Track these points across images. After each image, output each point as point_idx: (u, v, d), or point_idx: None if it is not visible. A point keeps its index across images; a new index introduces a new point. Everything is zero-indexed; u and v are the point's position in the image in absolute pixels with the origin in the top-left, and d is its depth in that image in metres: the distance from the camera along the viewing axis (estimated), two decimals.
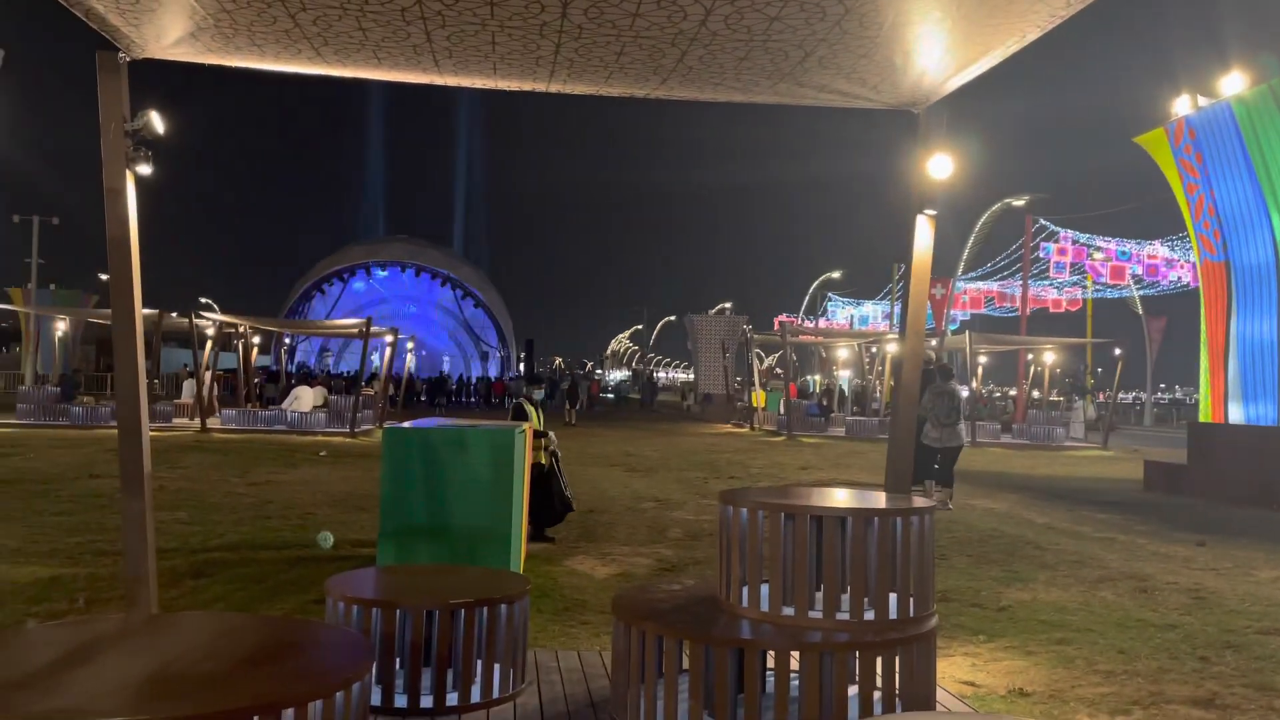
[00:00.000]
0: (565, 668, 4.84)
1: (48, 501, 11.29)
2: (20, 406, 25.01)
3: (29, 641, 3.28)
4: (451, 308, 72.10)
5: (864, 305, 72.41)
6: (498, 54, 4.69)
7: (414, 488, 7.03)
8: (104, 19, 4.52)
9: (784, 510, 3.96)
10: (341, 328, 33.72)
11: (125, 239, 5.02)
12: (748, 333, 37.24)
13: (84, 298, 48.74)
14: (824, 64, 4.72)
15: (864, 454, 21.31)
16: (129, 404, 4.98)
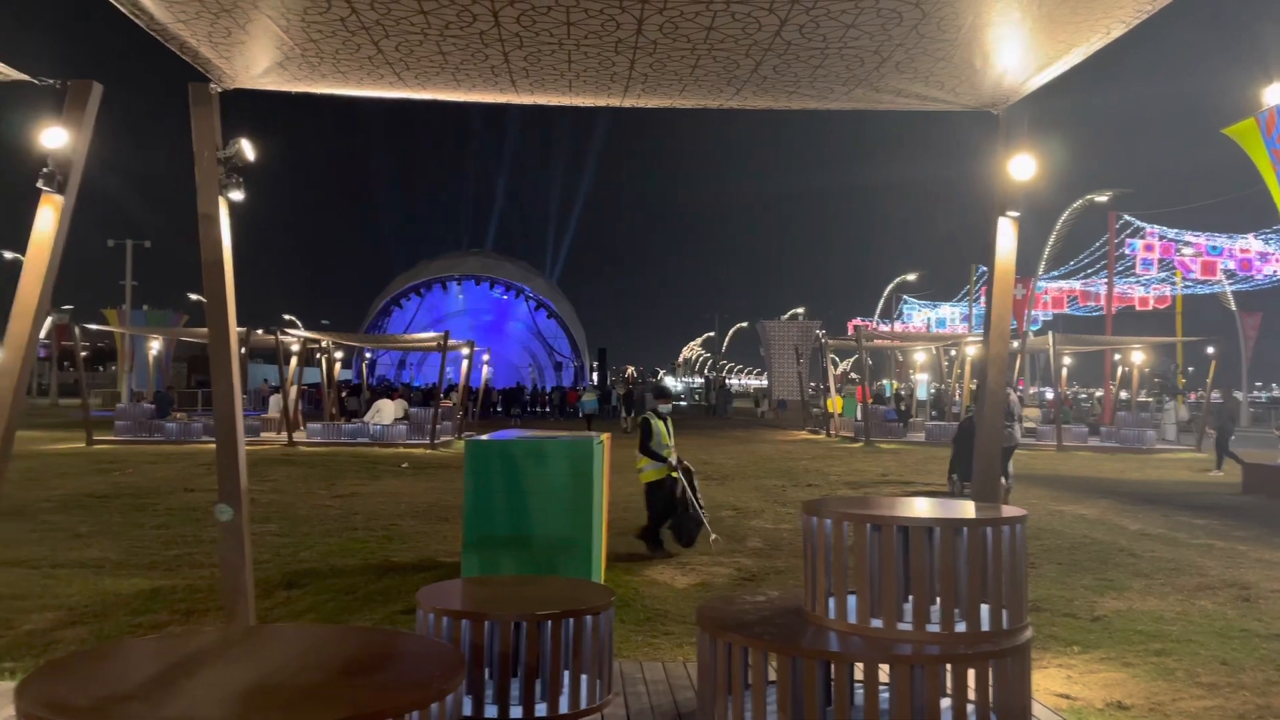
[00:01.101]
0: (650, 679, 4.86)
1: (146, 515, 11.74)
2: (118, 423, 26.04)
3: (136, 653, 3.42)
4: (525, 319, 72.99)
5: (941, 307, 71.13)
6: (573, 71, 4.75)
7: (496, 499, 7.13)
8: (197, 52, 4.71)
9: (870, 521, 3.91)
10: (420, 341, 34.38)
11: (220, 262, 5.21)
12: (822, 337, 36.86)
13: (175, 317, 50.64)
14: (900, 69, 4.67)
15: (944, 460, 20.89)
16: (226, 420, 5.15)
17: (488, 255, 75.16)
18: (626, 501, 13.22)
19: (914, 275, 64.41)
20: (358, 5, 3.96)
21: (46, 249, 5.01)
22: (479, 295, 71.19)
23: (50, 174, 4.99)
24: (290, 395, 26.23)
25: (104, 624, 6.56)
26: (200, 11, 4.11)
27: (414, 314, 70.02)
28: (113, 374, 53.82)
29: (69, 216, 5.12)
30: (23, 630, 6.40)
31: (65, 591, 7.53)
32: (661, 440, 9.66)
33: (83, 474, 16.65)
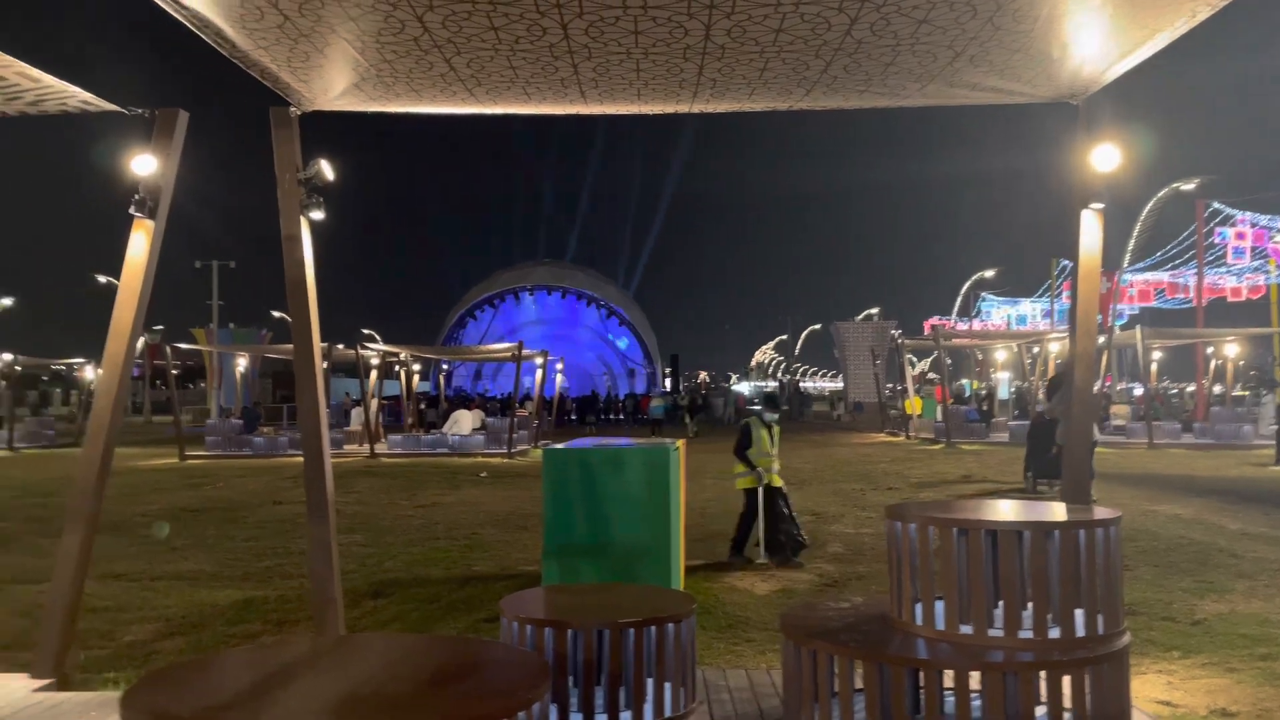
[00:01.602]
0: (734, 686, 4.82)
1: (237, 528, 12.10)
2: (208, 439, 26.91)
3: (232, 664, 3.52)
4: (597, 328, 73.47)
5: (1021, 304, 69.46)
6: (641, 80, 4.77)
7: (574, 507, 7.17)
8: (277, 77, 4.84)
9: (956, 525, 3.83)
10: (495, 352, 34.85)
11: (303, 280, 5.35)
12: (898, 338, 36.31)
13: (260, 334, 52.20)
14: (975, 62, 4.58)
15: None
16: (312, 435, 5.28)
17: (558, 265, 75.88)
18: (703, 507, 13.17)
19: (992, 272, 63.04)
20: (430, 24, 4.03)
21: (139, 272, 5.21)
22: (551, 304, 71.92)
23: (141, 200, 5.19)
24: (371, 408, 26.80)
25: (200, 634, 6.77)
26: (280, 37, 4.23)
27: (488, 325, 71.02)
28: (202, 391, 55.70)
29: (160, 240, 5.31)
30: (124, 641, 6.64)
31: (163, 603, 7.80)
32: (763, 447, 9.37)
33: (176, 488, 17.25)
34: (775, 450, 9.49)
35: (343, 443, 26.88)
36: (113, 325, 5.22)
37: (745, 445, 9.43)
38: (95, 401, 5.35)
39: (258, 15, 3.99)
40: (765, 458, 9.38)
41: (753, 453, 9.38)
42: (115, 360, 5.22)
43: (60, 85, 4.54)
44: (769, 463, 9.38)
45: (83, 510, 5.14)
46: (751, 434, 9.41)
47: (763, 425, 9.51)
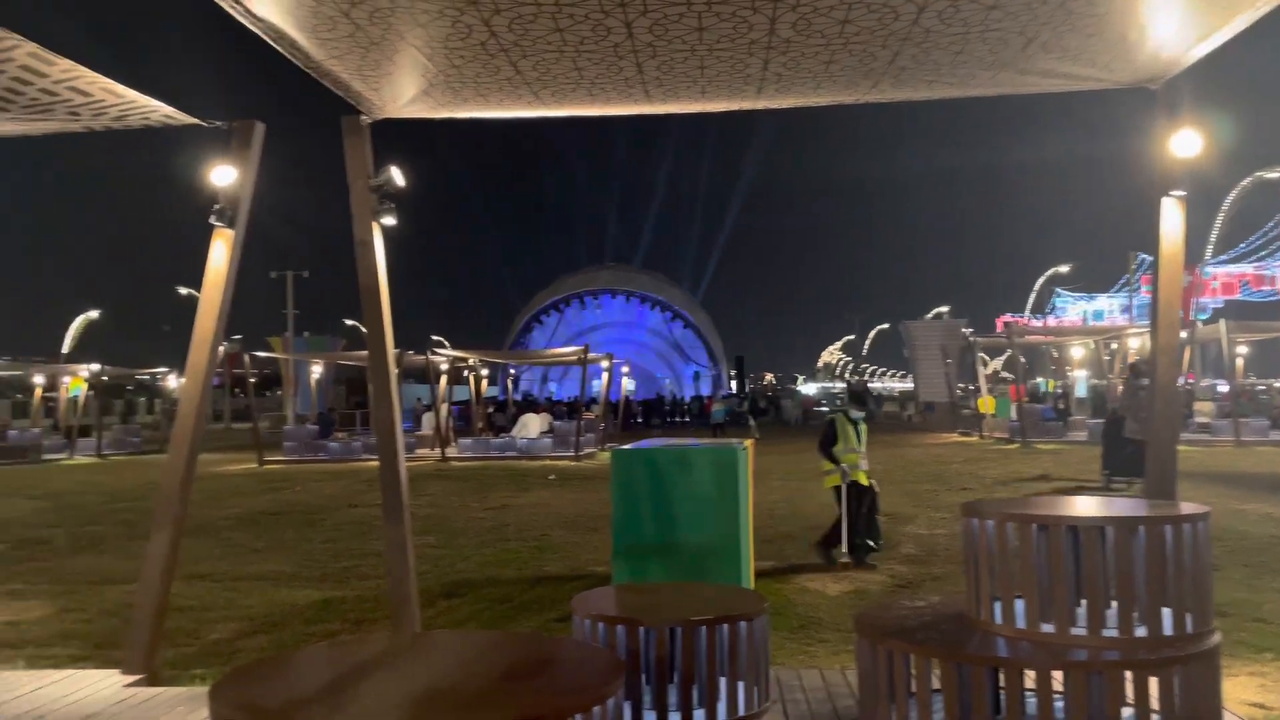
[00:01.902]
0: (808, 686, 4.78)
1: (315, 530, 12.38)
2: (285, 444, 27.60)
3: (314, 660, 3.60)
4: (662, 330, 73.51)
5: (1097, 299, 67.62)
6: (706, 77, 4.76)
7: (643, 508, 7.17)
8: (348, 86, 4.95)
9: (1036, 521, 3.74)
10: (561, 356, 35.09)
11: (376, 286, 5.45)
12: (969, 336, 35.63)
13: (334, 342, 53.38)
14: (1048, 48, 4.47)
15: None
16: (387, 437, 5.38)
17: (622, 269, 76.18)
18: (771, 509, 13.09)
19: (1067, 267, 61.43)
20: (497, 28, 4.08)
21: (220, 281, 5.37)
22: (615, 308, 72.21)
23: (221, 210, 5.35)
24: (442, 412, 27.20)
25: (281, 633, 6.95)
26: (351, 46, 4.32)
27: (554, 329, 71.58)
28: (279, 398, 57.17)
29: (239, 249, 5.47)
30: (209, 639, 6.84)
31: (246, 603, 8.01)
32: (849, 444, 9.18)
33: (256, 493, 17.72)
34: (863, 447, 9.27)
35: (414, 447, 27.32)
36: (195, 333, 5.39)
37: (830, 442, 9.23)
38: (179, 408, 5.53)
39: (330, 25, 4.08)
40: (852, 454, 9.18)
41: (839, 449, 9.18)
42: (198, 367, 5.39)
43: (144, 100, 4.71)
44: (855, 459, 9.17)
45: (169, 513, 5.32)
46: (837, 430, 9.22)
47: (849, 421, 9.31)
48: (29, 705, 4.74)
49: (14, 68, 4.26)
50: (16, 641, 6.82)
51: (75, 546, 11.37)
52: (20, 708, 4.70)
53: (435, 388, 28.58)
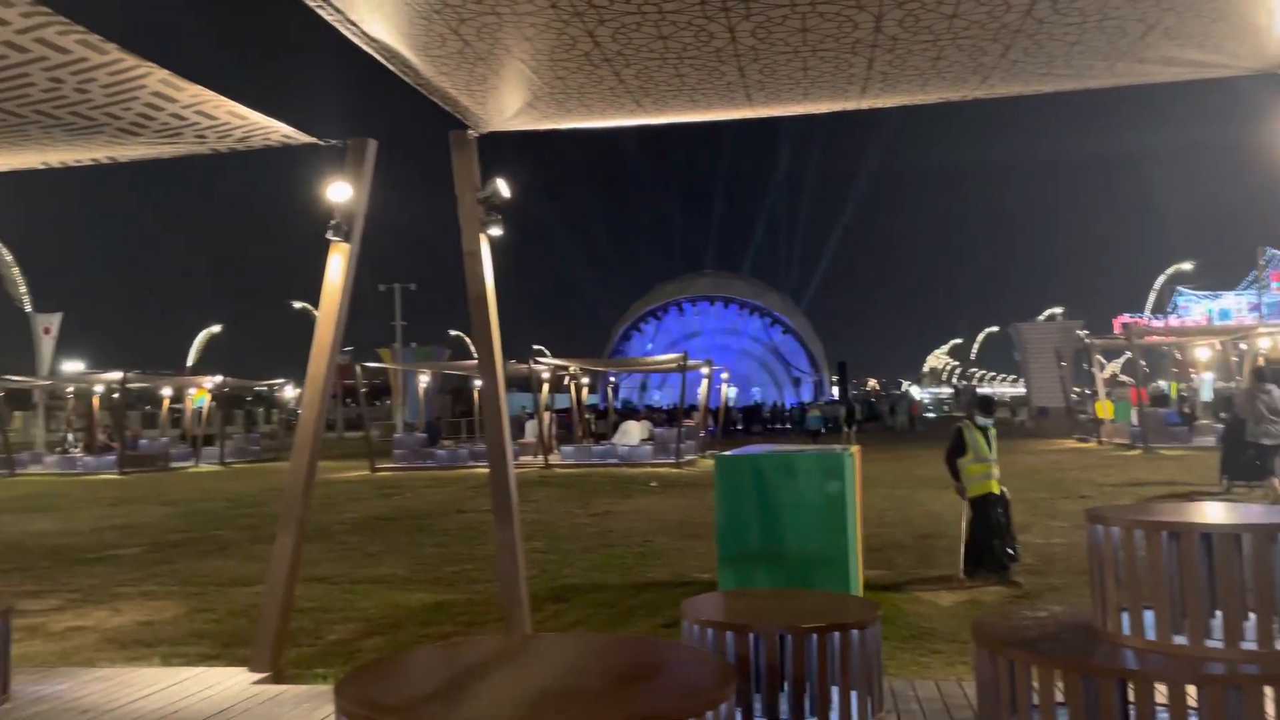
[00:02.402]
0: (923, 697, 4.67)
1: (425, 535, 12.70)
2: (396, 452, 28.43)
3: (432, 659, 3.69)
4: (761, 336, 73.07)
5: (1223, 297, 64.30)
6: (809, 79, 4.72)
7: (748, 514, 7.13)
8: (456, 101, 5.08)
9: (1166, 528, 3.57)
10: (660, 363, 35.20)
11: (484, 295, 5.58)
12: (1085, 338, 34.32)
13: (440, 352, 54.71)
14: (1170, 35, 4.28)
15: None
16: (497, 443, 5.48)
17: (719, 275, 76.07)
18: (879, 517, 12.84)
19: (1189, 264, 58.58)
20: (600, 38, 4.13)
21: (337, 293, 5.57)
22: (713, 315, 72.13)
23: (337, 225, 5.55)
24: (545, 420, 27.58)
25: (398, 634, 7.15)
26: (460, 63, 4.44)
27: (652, 337, 71.87)
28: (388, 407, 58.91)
29: (355, 262, 5.66)
30: (329, 639, 7.08)
31: (363, 605, 8.27)
32: (981, 453, 8.78)
33: (369, 498, 18.29)
34: (994, 455, 8.86)
35: (518, 454, 27.77)
36: (315, 343, 5.60)
37: (958, 452, 8.86)
38: (301, 415, 5.75)
39: (440, 42, 4.20)
40: (983, 464, 8.77)
41: (969, 459, 8.80)
42: (317, 376, 5.60)
43: (265, 121, 4.92)
44: (988, 469, 8.75)
45: (292, 516, 5.53)
46: (965, 439, 8.83)
47: (976, 429, 8.91)
48: (165, 700, 4.99)
49: (147, 94, 4.51)
50: (152, 640, 7.19)
51: (203, 550, 11.93)
52: (157, 703, 4.96)
53: (537, 396, 29.00)
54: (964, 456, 8.80)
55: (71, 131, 4.91)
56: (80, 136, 5.03)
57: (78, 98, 4.39)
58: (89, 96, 4.39)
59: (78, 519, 15.89)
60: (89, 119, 4.70)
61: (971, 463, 8.79)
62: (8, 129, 4.82)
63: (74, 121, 4.73)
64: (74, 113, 4.60)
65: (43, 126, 4.81)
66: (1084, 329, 42.24)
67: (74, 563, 11.14)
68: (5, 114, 4.55)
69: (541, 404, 28.99)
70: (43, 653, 6.82)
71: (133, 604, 8.62)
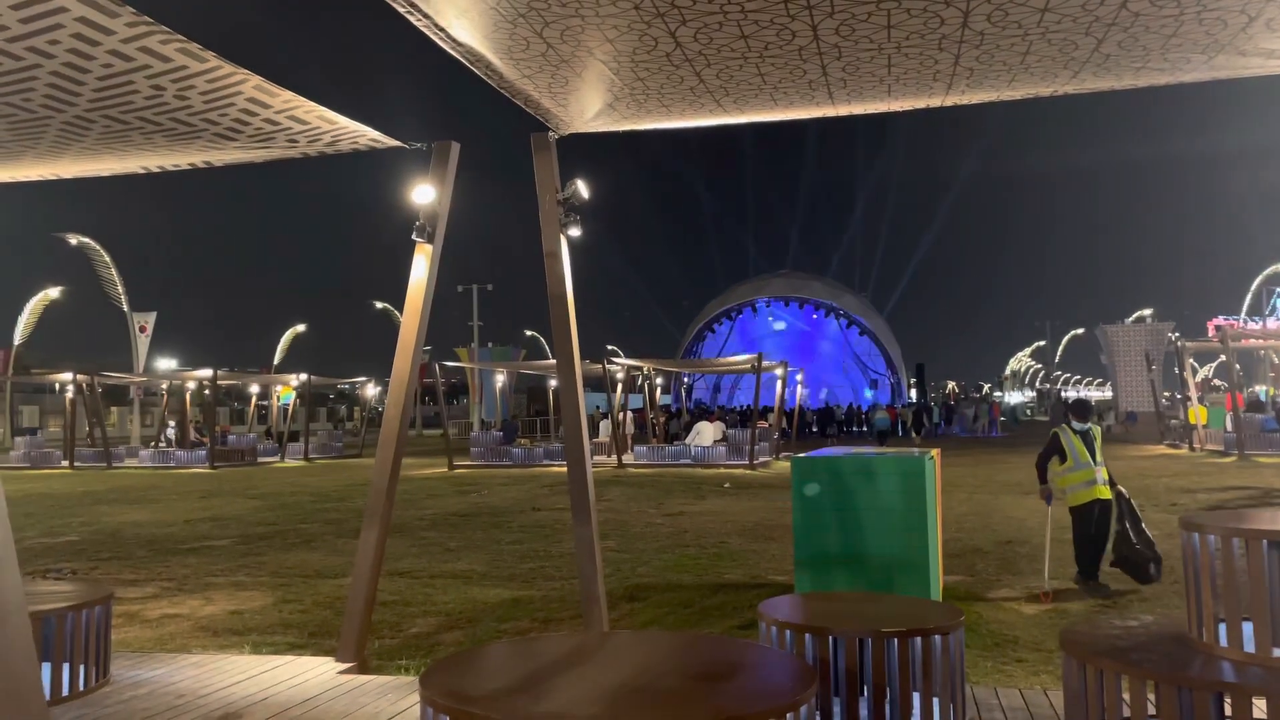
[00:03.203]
0: (1008, 706, 4.57)
1: (502, 532, 12.87)
2: (472, 450, 28.87)
3: (512, 653, 3.74)
4: (837, 338, 72.16)
5: None
6: (893, 76, 4.66)
7: (825, 516, 7.07)
8: (538, 103, 5.14)
9: (1266, 536, 3.44)
10: (734, 364, 35.03)
11: (563, 295, 5.63)
12: (1176, 340, 33.14)
13: (515, 352, 55.39)
14: (1272, 27, 4.11)
15: None
16: (575, 440, 5.53)
17: (794, 275, 75.30)
18: (959, 521, 12.60)
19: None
20: (682, 39, 4.14)
21: (421, 292, 5.68)
22: (789, 315, 71.47)
23: (421, 226, 5.66)
24: (623, 420, 27.69)
25: (476, 628, 7.26)
26: (543, 65, 4.49)
27: (726, 338, 71.55)
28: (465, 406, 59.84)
29: (438, 263, 5.77)
30: (410, 632, 7.23)
31: (442, 599, 8.42)
32: (1080, 458, 8.48)
33: (447, 495, 18.61)
34: (1099, 458, 8.52)
35: (592, 453, 27.92)
36: (400, 341, 5.73)
37: (1049, 455, 8.60)
38: (385, 411, 5.89)
39: (524, 45, 4.26)
40: (1084, 469, 8.46)
41: (1068, 465, 8.52)
42: (402, 373, 5.73)
43: (354, 125, 5.05)
44: (1089, 474, 8.45)
45: (378, 510, 5.66)
46: (1062, 443, 8.53)
47: (1074, 434, 8.59)
48: (256, 687, 5.16)
49: (242, 100, 4.67)
50: (242, 629, 7.44)
51: (290, 543, 12.29)
52: (248, 689, 5.12)
53: (612, 395, 29.15)
54: (1064, 464, 8.53)
55: (171, 137, 5.11)
56: (179, 141, 5.22)
57: (177, 104, 4.57)
58: (188, 103, 4.56)
59: (171, 511, 16.51)
60: (187, 124, 4.88)
61: (1070, 470, 8.49)
62: (111, 135, 5.04)
63: (174, 127, 4.92)
64: (173, 119, 4.78)
65: (144, 132, 5.02)
66: (1175, 331, 40.78)
67: (168, 553, 11.57)
68: (110, 120, 4.76)
69: (615, 404, 29.12)
70: (140, 638, 7.11)
71: (224, 593, 8.92)
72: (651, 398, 33.53)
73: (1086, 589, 8.25)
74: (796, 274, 76.01)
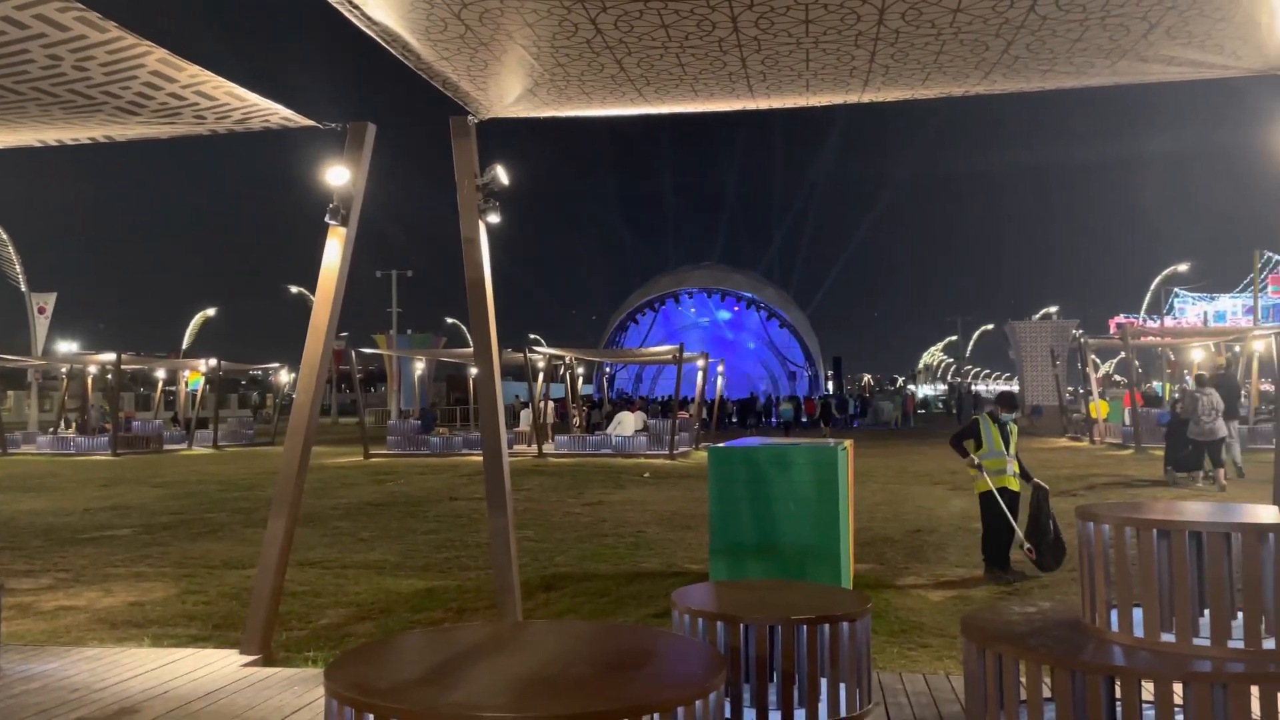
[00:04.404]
0: (912, 690, 4.69)
1: (418, 521, 12.71)
2: (389, 439, 28.42)
3: (422, 644, 3.70)
4: (757, 330, 73.00)
5: (1219, 299, 64.39)
6: (810, 71, 4.71)
7: (741, 506, 7.15)
8: (457, 86, 5.07)
9: (1157, 526, 3.59)
10: (656, 355, 35.17)
11: (481, 282, 5.57)
12: (1080, 337, 34.38)
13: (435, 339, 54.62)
14: (1172, 34, 4.28)
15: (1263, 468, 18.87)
16: (491, 431, 5.48)
17: (717, 267, 75.85)
18: (871, 511, 12.88)
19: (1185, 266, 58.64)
20: (603, 26, 4.12)
21: (334, 276, 5.56)
22: (710, 307, 72.06)
23: (335, 208, 5.53)
24: (543, 409, 27.55)
25: (388, 619, 7.15)
26: (461, 47, 4.42)
27: (649, 329, 71.78)
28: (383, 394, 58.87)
29: (351, 246, 5.65)
30: (319, 624, 7.09)
31: (354, 590, 8.28)
32: (994, 446, 8.75)
33: (362, 484, 18.29)
34: (1011, 451, 8.83)
35: (512, 443, 27.76)
36: (311, 326, 5.59)
37: (964, 437, 8.86)
38: (295, 398, 5.74)
39: (442, 26, 4.19)
40: (996, 458, 8.76)
41: (982, 452, 8.79)
42: (313, 359, 5.59)
43: (265, 103, 4.91)
44: (1000, 463, 8.74)
45: (286, 500, 5.53)
46: (980, 430, 8.81)
47: (994, 423, 8.88)
48: (155, 681, 5.00)
49: (145, 73, 4.49)
50: (142, 621, 7.19)
51: (195, 532, 11.93)
52: (146, 683, 4.96)
53: (533, 385, 29.00)
54: (979, 450, 8.78)
55: (69, 109, 4.89)
56: (78, 115, 5.00)
57: (76, 75, 4.38)
58: (87, 74, 4.37)
59: (70, 499, 15.88)
60: (87, 97, 4.68)
61: (984, 457, 8.77)
62: (6, 106, 4.80)
63: (72, 99, 4.71)
64: (72, 90, 4.58)
65: (41, 104, 4.79)
66: (1079, 328, 42.32)
67: (66, 543, 11.13)
68: (3, 90, 4.53)
69: (536, 393, 28.98)
70: (33, 631, 6.83)
71: (124, 584, 8.62)
72: (573, 387, 33.45)
73: (991, 575, 8.51)
74: (719, 266, 76.57)
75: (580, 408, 33.54)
